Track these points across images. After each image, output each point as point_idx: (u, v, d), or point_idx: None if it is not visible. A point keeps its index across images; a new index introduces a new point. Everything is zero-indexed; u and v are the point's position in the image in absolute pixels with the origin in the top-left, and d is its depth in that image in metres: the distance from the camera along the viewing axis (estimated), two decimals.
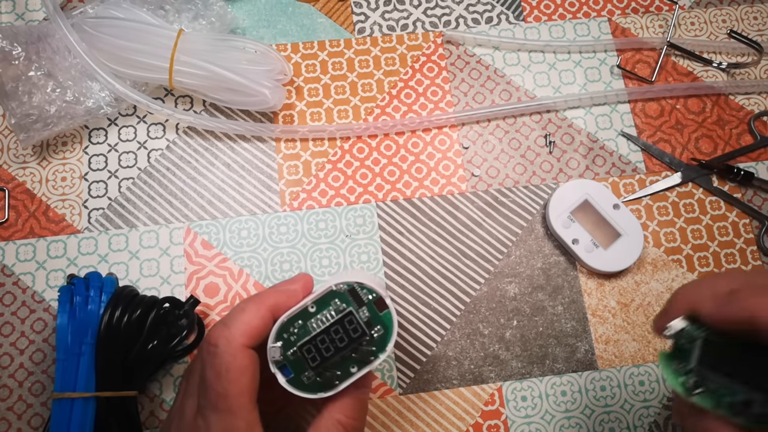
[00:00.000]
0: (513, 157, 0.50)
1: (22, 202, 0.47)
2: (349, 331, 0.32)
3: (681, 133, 0.51)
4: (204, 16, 0.49)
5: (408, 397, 0.44)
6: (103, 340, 0.39)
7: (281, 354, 0.31)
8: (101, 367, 0.39)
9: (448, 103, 0.51)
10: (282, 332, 0.32)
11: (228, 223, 0.47)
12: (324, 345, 0.32)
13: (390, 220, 0.48)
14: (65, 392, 0.39)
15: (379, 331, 0.32)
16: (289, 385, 0.31)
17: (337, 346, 0.32)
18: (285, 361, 0.31)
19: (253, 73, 0.46)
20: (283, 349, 0.31)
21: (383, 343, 0.32)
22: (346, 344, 0.32)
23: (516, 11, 0.53)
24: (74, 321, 0.39)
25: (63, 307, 0.40)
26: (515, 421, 0.44)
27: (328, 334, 0.32)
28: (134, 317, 0.40)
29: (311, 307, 0.32)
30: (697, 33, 0.54)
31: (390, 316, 0.32)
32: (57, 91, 0.46)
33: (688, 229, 0.49)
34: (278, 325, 0.32)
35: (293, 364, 0.32)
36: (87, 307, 0.40)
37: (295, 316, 0.32)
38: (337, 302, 0.32)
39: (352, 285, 0.32)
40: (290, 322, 0.32)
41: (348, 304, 0.32)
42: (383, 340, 0.32)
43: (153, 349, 0.40)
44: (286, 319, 0.32)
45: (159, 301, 0.42)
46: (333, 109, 0.50)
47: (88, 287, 0.41)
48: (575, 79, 0.52)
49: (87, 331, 0.39)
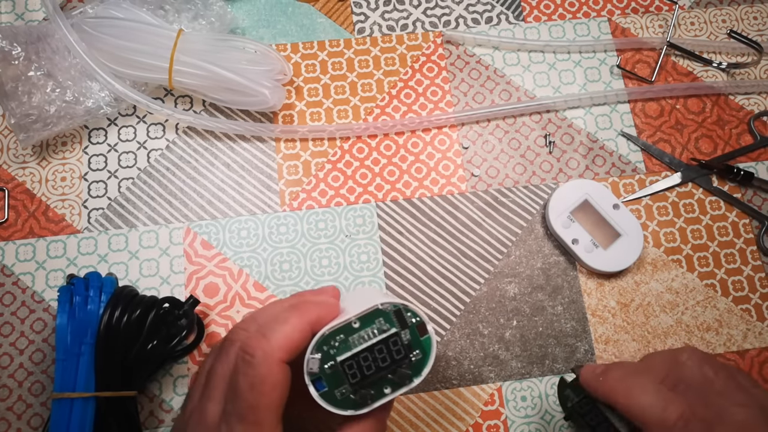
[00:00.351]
0: (513, 157, 0.50)
1: (22, 202, 0.47)
2: (393, 352, 0.31)
3: (681, 133, 0.51)
4: (204, 16, 0.49)
5: (408, 397, 0.44)
6: (102, 340, 0.39)
7: (319, 367, 0.31)
8: (101, 367, 0.39)
9: (448, 103, 0.51)
10: (322, 345, 0.31)
11: (228, 223, 0.47)
12: (366, 363, 0.31)
13: (390, 220, 0.48)
14: (65, 392, 0.39)
15: (417, 355, 0.32)
16: (321, 399, 0.31)
17: (379, 366, 0.31)
18: (321, 374, 0.31)
19: (252, 73, 0.46)
20: (321, 362, 0.31)
21: (420, 368, 0.32)
22: (388, 365, 0.31)
23: (516, 11, 0.53)
24: (74, 321, 0.39)
25: (62, 307, 0.40)
26: (515, 421, 0.44)
27: (371, 353, 0.31)
28: (134, 317, 0.40)
29: (355, 323, 0.31)
30: (697, 33, 0.54)
31: (430, 341, 0.32)
32: (57, 91, 0.46)
33: (688, 229, 0.49)
34: (319, 336, 0.31)
35: (329, 377, 0.31)
36: (86, 307, 0.40)
37: (337, 330, 0.31)
38: (381, 321, 0.32)
39: (398, 306, 0.32)
40: (331, 336, 0.31)
41: (392, 324, 0.32)
42: (420, 365, 0.32)
43: (152, 349, 0.40)
44: (327, 331, 0.31)
45: (158, 301, 0.41)
46: (333, 109, 0.50)
47: (88, 287, 0.41)
48: (575, 79, 0.52)
49: (86, 331, 0.39)
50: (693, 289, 0.47)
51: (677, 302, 0.47)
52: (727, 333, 0.46)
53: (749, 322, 0.47)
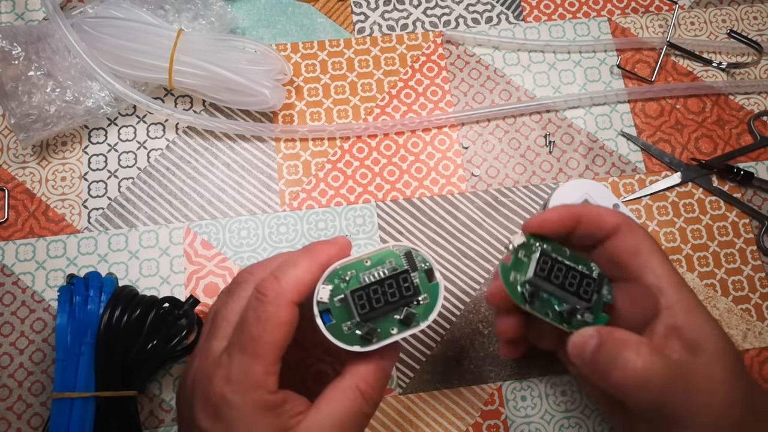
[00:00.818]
0: (513, 157, 0.50)
1: (22, 202, 0.47)
2: (402, 288, 0.32)
3: (681, 133, 0.51)
4: (204, 16, 0.49)
5: (408, 397, 0.44)
6: (102, 340, 0.39)
7: (329, 297, 0.31)
8: (101, 367, 0.39)
9: (448, 103, 0.51)
10: (333, 278, 0.32)
11: (228, 223, 0.47)
12: (376, 295, 0.32)
13: (390, 220, 0.48)
14: (65, 392, 0.39)
15: (425, 299, 0.32)
16: (328, 332, 0.31)
17: (387, 300, 0.32)
18: (330, 306, 0.31)
19: (252, 73, 0.46)
20: (331, 293, 0.31)
21: (427, 312, 0.32)
22: (397, 300, 0.32)
23: (516, 11, 0.53)
24: (74, 321, 0.39)
25: (62, 307, 0.40)
26: (515, 421, 0.44)
27: (381, 286, 0.32)
28: (134, 317, 0.40)
29: (366, 261, 0.32)
30: (697, 33, 0.54)
31: (438, 288, 0.33)
32: (57, 91, 0.46)
33: (688, 229, 0.49)
34: (331, 269, 0.32)
35: (338, 311, 0.31)
36: (86, 307, 0.40)
37: (349, 266, 0.32)
38: (392, 261, 0.33)
39: (408, 249, 0.33)
40: (343, 270, 0.32)
41: (403, 265, 0.33)
42: (428, 309, 0.32)
43: (152, 349, 0.40)
44: (340, 265, 0.32)
45: (158, 301, 0.41)
46: (333, 109, 0.50)
47: (88, 287, 0.41)
48: (575, 79, 0.52)
49: (86, 331, 0.39)
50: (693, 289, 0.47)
51: None
52: (727, 333, 0.46)
53: (749, 322, 0.47)
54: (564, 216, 0.34)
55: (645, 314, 0.33)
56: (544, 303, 0.33)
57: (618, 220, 0.34)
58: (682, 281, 0.33)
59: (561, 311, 0.33)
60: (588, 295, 0.33)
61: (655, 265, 0.33)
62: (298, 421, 0.31)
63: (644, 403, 0.30)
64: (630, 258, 0.33)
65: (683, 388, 0.29)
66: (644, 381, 0.29)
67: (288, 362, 0.31)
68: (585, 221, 0.34)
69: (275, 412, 0.30)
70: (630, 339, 0.30)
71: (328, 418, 0.31)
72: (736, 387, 0.30)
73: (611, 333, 0.31)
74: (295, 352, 0.32)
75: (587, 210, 0.34)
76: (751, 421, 0.30)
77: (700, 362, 0.30)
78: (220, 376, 0.30)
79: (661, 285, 0.32)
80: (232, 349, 0.31)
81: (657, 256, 0.33)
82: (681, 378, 0.29)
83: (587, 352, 0.31)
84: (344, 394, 0.31)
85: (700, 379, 0.30)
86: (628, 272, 0.33)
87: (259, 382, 0.30)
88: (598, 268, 0.34)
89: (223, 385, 0.30)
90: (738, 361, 0.31)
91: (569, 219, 0.34)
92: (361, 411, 0.31)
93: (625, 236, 0.33)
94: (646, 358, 0.29)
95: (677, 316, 0.31)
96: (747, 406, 0.30)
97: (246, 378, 0.30)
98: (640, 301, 0.33)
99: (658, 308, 0.32)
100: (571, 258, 0.34)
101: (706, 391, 0.29)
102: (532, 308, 0.33)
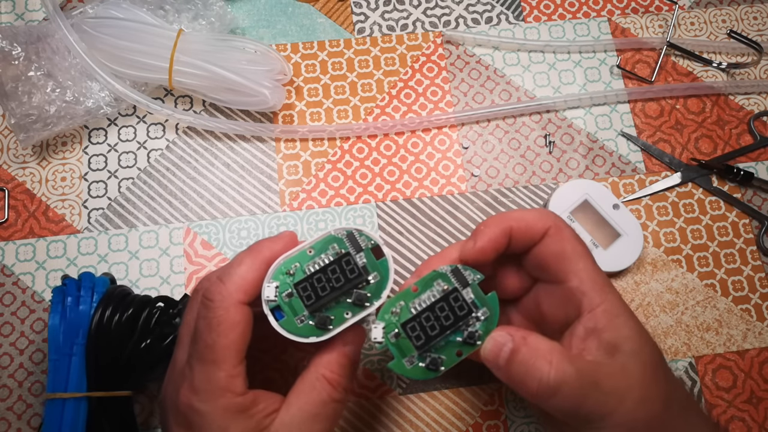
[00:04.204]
0: (513, 157, 0.50)
1: (22, 202, 0.47)
2: (346, 271, 0.32)
3: (681, 133, 0.51)
4: (204, 16, 0.49)
5: (408, 397, 0.44)
6: (93, 340, 0.39)
7: (276, 294, 0.31)
8: (92, 366, 0.39)
9: (448, 103, 0.51)
10: (279, 274, 0.32)
11: (228, 223, 0.47)
12: (321, 284, 0.31)
13: (390, 220, 0.48)
14: (56, 392, 0.38)
15: (375, 277, 0.32)
16: (281, 328, 0.31)
17: (333, 286, 0.31)
18: (279, 302, 0.31)
19: (252, 73, 0.46)
20: (278, 289, 0.31)
21: (379, 290, 0.32)
22: (342, 284, 0.32)
23: (516, 11, 0.53)
24: (65, 321, 0.39)
25: (55, 308, 0.40)
26: (515, 421, 0.44)
27: (325, 273, 0.32)
28: (125, 316, 0.39)
29: (309, 250, 0.32)
30: (697, 33, 0.54)
31: (386, 264, 0.32)
32: (57, 91, 0.46)
33: (688, 229, 0.49)
34: (275, 266, 0.32)
35: (288, 305, 0.31)
36: (78, 307, 0.40)
37: (292, 259, 0.32)
38: (336, 246, 0.32)
39: (350, 231, 0.33)
40: (287, 265, 0.32)
41: (346, 248, 0.32)
42: (379, 287, 0.32)
43: (146, 348, 0.40)
44: (283, 261, 0.32)
45: (152, 300, 0.41)
46: (333, 109, 0.50)
47: (80, 288, 0.40)
48: (575, 79, 0.52)
49: (78, 331, 0.39)
50: (693, 289, 0.47)
51: (677, 302, 0.47)
52: (727, 333, 0.46)
53: (749, 322, 0.47)
54: (498, 236, 0.33)
55: (568, 316, 0.33)
56: (448, 349, 0.32)
57: (546, 224, 0.33)
58: (607, 284, 0.33)
59: (464, 340, 0.32)
60: (465, 310, 0.32)
61: (579, 269, 0.33)
62: (272, 419, 0.31)
63: (560, 409, 0.30)
64: (555, 262, 0.33)
65: (597, 390, 0.29)
66: (556, 389, 0.29)
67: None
68: (515, 234, 0.33)
69: (247, 414, 0.30)
70: (542, 346, 0.30)
71: (299, 411, 0.31)
72: (653, 384, 0.30)
73: (525, 340, 0.31)
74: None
75: (515, 221, 0.33)
76: (669, 417, 0.30)
77: (616, 363, 0.30)
78: (185, 387, 0.31)
79: (584, 288, 0.32)
80: (192, 360, 0.31)
81: (583, 259, 0.33)
82: (594, 380, 0.30)
83: (501, 358, 0.31)
84: (311, 385, 0.32)
85: (616, 379, 0.30)
86: (554, 276, 0.33)
87: (225, 386, 0.30)
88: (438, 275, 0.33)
89: (189, 396, 0.30)
90: (656, 359, 0.32)
91: (503, 237, 0.33)
92: (331, 398, 0.32)
93: (552, 240, 0.33)
94: (558, 367, 0.29)
95: (598, 319, 0.31)
96: (664, 402, 0.30)
97: (210, 385, 0.30)
98: (564, 303, 0.33)
99: (581, 311, 0.32)
100: (422, 297, 0.32)
101: (622, 390, 0.30)
102: (447, 366, 0.31)
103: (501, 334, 0.31)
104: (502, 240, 0.33)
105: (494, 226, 0.33)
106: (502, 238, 0.33)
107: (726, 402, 0.45)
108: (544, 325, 0.35)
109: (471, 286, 0.32)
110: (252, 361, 0.32)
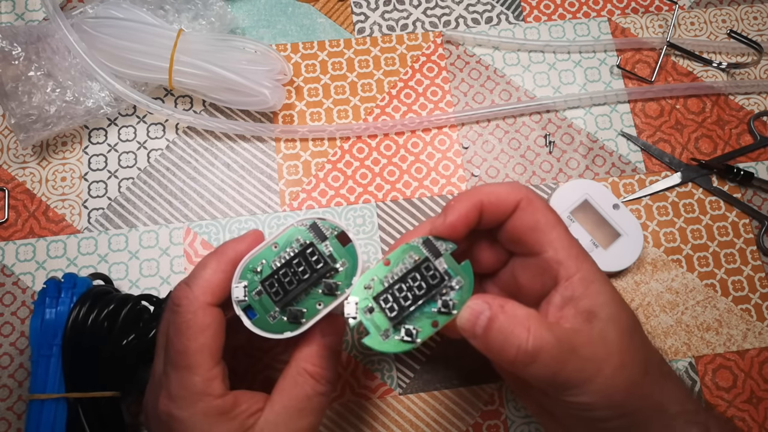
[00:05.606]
0: (513, 157, 0.50)
1: (22, 202, 0.47)
2: (312, 263, 0.31)
3: (681, 133, 0.51)
4: (204, 16, 0.49)
5: (408, 397, 0.44)
6: (68, 340, 0.38)
7: (245, 294, 0.31)
8: (69, 366, 0.38)
9: (448, 103, 0.51)
10: (246, 273, 0.32)
11: (228, 223, 0.47)
12: (287, 278, 0.31)
13: (390, 220, 0.48)
14: (35, 394, 0.38)
15: (344, 264, 0.32)
16: (254, 326, 0.31)
17: (300, 279, 0.31)
18: (249, 302, 0.31)
19: (252, 73, 0.46)
20: (247, 289, 0.31)
21: (349, 277, 0.32)
22: (309, 276, 0.31)
23: (516, 11, 0.53)
24: (44, 323, 0.39)
25: (37, 310, 0.39)
26: (515, 421, 0.44)
27: (290, 267, 0.31)
28: (103, 314, 0.39)
29: (274, 246, 0.32)
30: (697, 33, 0.54)
31: (354, 250, 0.32)
32: (57, 91, 0.46)
33: (688, 229, 0.49)
34: (241, 266, 0.32)
35: (258, 304, 0.31)
36: (56, 308, 0.40)
37: (258, 256, 0.32)
38: (300, 238, 0.32)
39: (313, 221, 0.32)
40: (254, 263, 0.32)
41: (309, 238, 0.32)
42: (348, 273, 0.32)
43: (128, 345, 0.39)
44: (248, 259, 0.32)
45: (133, 298, 0.41)
46: (333, 109, 0.50)
47: (60, 289, 0.40)
48: (575, 79, 0.52)
49: (56, 332, 0.39)
50: (693, 289, 0.47)
51: (677, 302, 0.47)
52: (727, 333, 0.46)
53: (749, 322, 0.47)
54: (468, 210, 0.32)
55: (544, 286, 0.32)
56: (424, 320, 0.31)
57: (517, 197, 0.33)
58: (582, 253, 0.32)
59: (438, 310, 0.31)
60: (438, 278, 0.31)
61: (553, 238, 0.32)
62: (256, 419, 0.30)
63: (538, 377, 0.29)
64: (529, 234, 0.33)
65: (575, 356, 0.29)
66: (535, 356, 0.29)
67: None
68: (487, 208, 0.33)
69: (229, 416, 0.30)
70: (519, 313, 0.30)
71: (284, 408, 0.31)
72: (631, 350, 0.30)
73: (502, 308, 0.30)
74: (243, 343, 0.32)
75: (486, 194, 0.33)
76: (647, 382, 0.30)
77: (595, 329, 0.30)
78: (163, 395, 0.30)
79: (559, 258, 0.32)
80: (167, 367, 0.31)
81: (556, 229, 0.32)
82: (572, 346, 0.29)
83: (479, 327, 0.30)
84: (294, 381, 0.31)
85: (594, 345, 0.30)
86: (529, 248, 0.33)
87: (201, 390, 0.30)
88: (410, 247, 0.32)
89: (168, 404, 0.30)
90: (633, 325, 0.31)
91: (474, 212, 0.33)
92: (315, 392, 0.32)
93: (524, 212, 0.33)
94: (536, 334, 0.29)
95: (575, 287, 0.31)
96: (643, 368, 0.30)
97: (186, 392, 0.30)
98: (540, 274, 0.33)
99: (557, 280, 0.32)
100: (394, 270, 0.32)
101: (600, 356, 0.30)
102: (423, 337, 0.30)
103: (477, 303, 0.30)
104: (473, 214, 0.33)
105: (465, 200, 0.33)
106: (473, 213, 0.32)
107: (726, 402, 0.45)
108: (520, 296, 0.34)
109: (444, 256, 0.32)
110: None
